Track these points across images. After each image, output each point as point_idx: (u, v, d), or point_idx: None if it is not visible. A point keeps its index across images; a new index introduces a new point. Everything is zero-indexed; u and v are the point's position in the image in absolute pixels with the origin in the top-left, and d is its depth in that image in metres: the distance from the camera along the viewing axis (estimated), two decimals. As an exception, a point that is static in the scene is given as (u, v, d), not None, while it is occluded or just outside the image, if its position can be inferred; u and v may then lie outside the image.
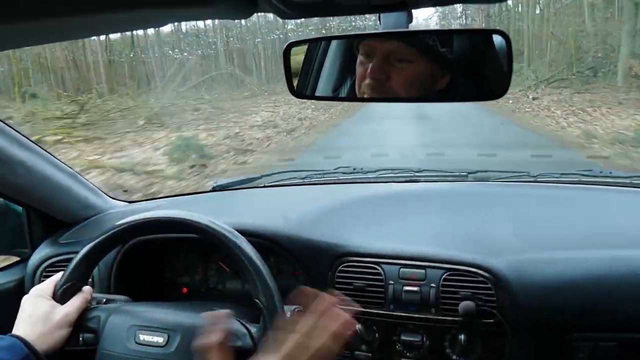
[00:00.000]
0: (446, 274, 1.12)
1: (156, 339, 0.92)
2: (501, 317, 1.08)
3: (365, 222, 1.32)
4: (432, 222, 1.31)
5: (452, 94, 0.71)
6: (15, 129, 1.23)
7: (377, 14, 0.61)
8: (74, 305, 0.97)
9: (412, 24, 0.62)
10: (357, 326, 1.17)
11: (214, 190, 1.72)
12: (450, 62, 0.69)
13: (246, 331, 0.91)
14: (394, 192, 1.51)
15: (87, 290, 1.01)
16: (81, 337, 0.96)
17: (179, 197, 1.79)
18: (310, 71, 0.79)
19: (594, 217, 1.29)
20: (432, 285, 1.13)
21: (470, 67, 0.71)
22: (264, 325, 0.91)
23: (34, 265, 1.37)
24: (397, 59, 0.68)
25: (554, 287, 1.08)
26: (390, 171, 1.68)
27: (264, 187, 1.68)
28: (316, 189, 1.64)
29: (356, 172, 1.71)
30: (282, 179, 1.71)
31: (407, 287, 1.14)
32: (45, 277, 1.34)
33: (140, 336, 0.93)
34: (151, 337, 0.93)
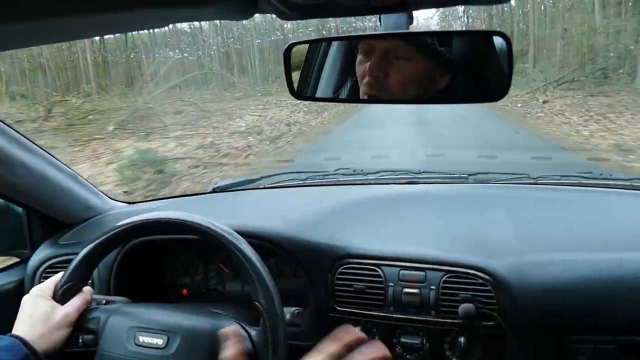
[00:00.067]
0: (446, 276, 1.12)
1: (156, 340, 0.92)
2: (501, 319, 1.08)
3: (365, 224, 1.32)
4: (432, 224, 1.31)
5: (452, 95, 0.70)
6: (15, 130, 1.23)
7: (378, 15, 0.62)
8: (74, 305, 0.97)
9: (413, 24, 0.62)
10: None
11: (214, 191, 1.72)
12: (449, 62, 0.69)
13: (246, 334, 0.91)
14: (394, 194, 1.51)
15: (87, 290, 1.01)
16: (81, 339, 0.96)
17: (179, 198, 1.79)
18: (310, 72, 0.79)
19: (594, 219, 1.29)
20: (432, 287, 1.12)
21: (470, 67, 0.71)
22: (264, 328, 0.90)
23: (34, 266, 1.37)
24: (395, 56, 0.68)
25: (553, 289, 1.08)
26: (390, 173, 1.68)
27: (264, 188, 1.68)
28: (316, 190, 1.64)
29: (356, 174, 1.71)
30: (282, 181, 1.71)
31: (407, 289, 1.14)
32: (45, 278, 1.34)
33: (140, 338, 0.93)
34: (151, 338, 0.92)
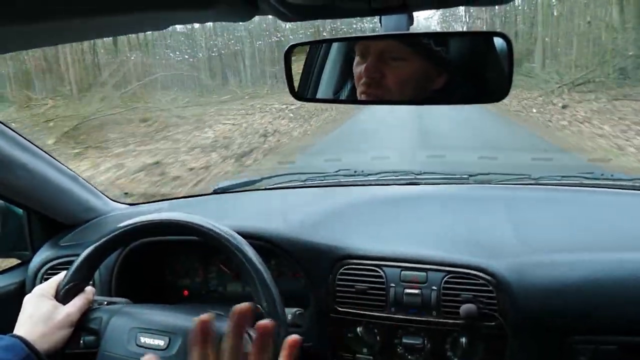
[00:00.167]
0: (447, 276, 1.12)
1: (157, 341, 0.92)
2: (502, 320, 1.08)
3: (366, 225, 1.32)
4: (433, 224, 1.31)
5: (451, 95, 0.70)
6: (16, 132, 1.23)
7: (379, 17, 0.62)
8: (76, 305, 0.97)
9: (413, 25, 0.62)
10: (359, 329, 1.17)
11: (215, 192, 1.72)
12: (445, 61, 0.69)
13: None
14: (395, 195, 1.51)
15: (89, 290, 1.01)
16: (82, 339, 0.96)
17: (180, 199, 1.79)
18: (311, 73, 0.79)
19: (595, 219, 1.29)
20: (434, 287, 1.12)
21: (467, 68, 0.71)
22: None
23: (35, 267, 1.37)
24: (391, 57, 0.68)
25: (555, 289, 1.08)
26: (391, 174, 1.67)
27: (265, 189, 1.68)
28: (317, 191, 1.64)
29: (357, 175, 1.71)
30: (283, 182, 1.71)
31: (408, 290, 1.14)
32: (46, 279, 1.33)
33: (141, 339, 0.93)
34: (152, 339, 0.92)
